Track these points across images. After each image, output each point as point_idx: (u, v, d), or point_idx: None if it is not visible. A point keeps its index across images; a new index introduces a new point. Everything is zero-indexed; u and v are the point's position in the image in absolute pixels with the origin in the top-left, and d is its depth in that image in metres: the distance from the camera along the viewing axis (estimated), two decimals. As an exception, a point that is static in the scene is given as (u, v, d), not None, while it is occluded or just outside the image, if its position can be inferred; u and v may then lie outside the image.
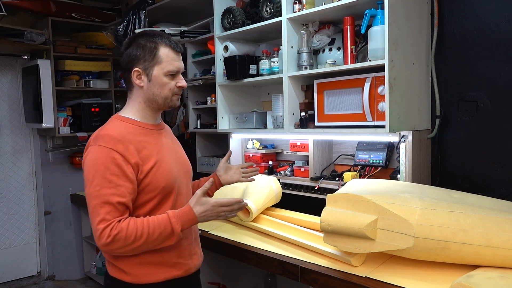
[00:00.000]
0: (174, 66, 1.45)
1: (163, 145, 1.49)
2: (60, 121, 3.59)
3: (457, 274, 1.46)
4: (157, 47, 1.43)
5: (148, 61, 1.43)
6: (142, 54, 1.42)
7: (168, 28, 3.08)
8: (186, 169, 1.58)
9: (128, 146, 1.37)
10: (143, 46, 1.43)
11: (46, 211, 3.86)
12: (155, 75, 1.44)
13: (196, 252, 1.56)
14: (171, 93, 1.46)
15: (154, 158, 1.42)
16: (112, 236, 1.29)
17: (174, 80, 1.46)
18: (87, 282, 3.93)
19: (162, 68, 1.43)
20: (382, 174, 2.25)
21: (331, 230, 1.63)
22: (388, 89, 1.91)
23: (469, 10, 2.03)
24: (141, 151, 1.40)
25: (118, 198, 1.32)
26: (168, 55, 1.44)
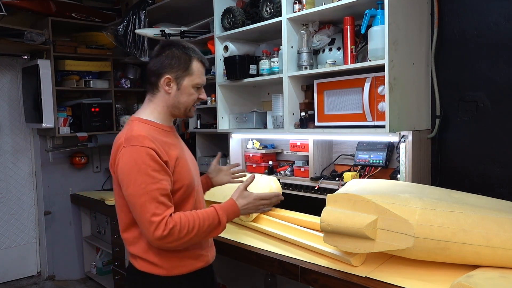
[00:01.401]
0: (201, 80, 1.59)
1: (181, 146, 1.61)
2: (60, 121, 3.59)
3: (457, 274, 1.46)
4: (191, 60, 1.55)
5: (181, 71, 1.53)
6: (176, 63, 1.53)
7: (168, 28, 3.08)
8: (197, 168, 1.70)
9: (157, 145, 1.45)
10: (179, 57, 1.53)
11: (46, 211, 3.86)
12: (185, 85, 1.55)
13: (212, 244, 1.68)
14: (192, 103, 1.59)
15: (177, 157, 1.51)
16: (168, 230, 1.35)
17: (198, 92, 1.60)
18: (87, 282, 3.93)
19: (192, 80, 1.55)
20: (382, 174, 2.25)
21: (331, 230, 1.63)
22: (388, 89, 1.91)
23: (469, 10, 2.03)
24: (168, 151, 1.49)
25: (163, 192, 1.40)
26: (199, 69, 1.57)
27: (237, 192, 1.53)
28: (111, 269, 3.57)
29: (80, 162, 3.97)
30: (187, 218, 1.41)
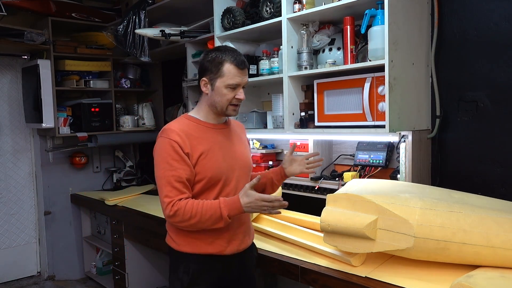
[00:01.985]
0: (234, 81, 1.66)
1: (216, 141, 1.71)
2: (60, 121, 3.58)
3: (457, 274, 1.46)
4: (223, 62, 1.65)
5: (214, 73, 1.66)
6: (210, 67, 1.67)
7: (168, 28, 3.08)
8: (241, 164, 1.76)
9: (184, 138, 1.64)
10: (212, 60, 1.67)
11: (46, 211, 3.86)
12: (217, 86, 1.67)
13: (237, 239, 1.73)
14: (228, 103, 1.68)
15: (202, 151, 1.65)
16: (173, 211, 1.58)
17: (234, 92, 1.67)
18: (87, 282, 3.93)
19: (223, 81, 1.66)
20: (382, 174, 2.25)
21: (331, 230, 1.63)
22: (388, 89, 1.91)
23: (469, 10, 2.03)
24: (195, 145, 1.65)
25: (178, 179, 1.60)
26: (230, 71, 1.65)
27: (243, 190, 1.59)
28: (111, 269, 3.57)
29: (80, 162, 3.97)
30: (192, 205, 1.58)
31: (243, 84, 1.69)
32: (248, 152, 1.86)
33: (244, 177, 1.77)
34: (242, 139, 1.86)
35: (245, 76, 1.69)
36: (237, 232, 1.73)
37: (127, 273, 3.20)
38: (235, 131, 1.84)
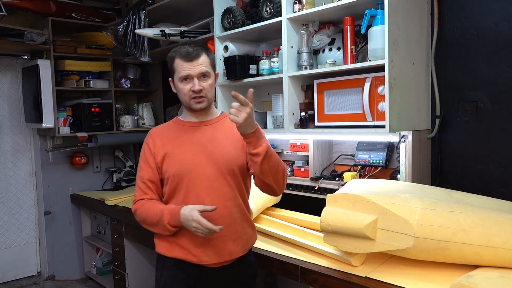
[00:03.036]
0: (184, 73, 1.62)
1: (189, 139, 1.68)
2: (60, 121, 3.58)
3: (457, 274, 1.46)
4: (173, 59, 1.66)
5: (171, 72, 1.68)
6: (169, 67, 1.69)
7: (168, 28, 3.08)
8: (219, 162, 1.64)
9: (155, 140, 1.69)
10: (168, 60, 1.69)
11: (46, 211, 3.86)
12: (176, 83, 1.68)
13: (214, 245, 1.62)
14: (187, 97, 1.65)
15: (169, 148, 1.66)
16: (134, 211, 1.68)
17: (189, 84, 1.63)
18: (87, 282, 3.93)
19: (177, 77, 1.65)
20: (382, 174, 2.25)
21: (331, 230, 1.63)
22: (388, 89, 1.91)
23: (469, 10, 2.03)
24: (163, 144, 1.68)
25: (142, 179, 1.68)
26: (179, 64, 1.63)
27: (192, 205, 1.54)
28: (111, 269, 3.57)
29: (80, 162, 3.97)
30: (144, 208, 1.63)
31: (195, 74, 1.62)
32: (234, 151, 1.68)
33: (221, 177, 1.63)
34: (232, 136, 1.69)
35: (196, 66, 1.61)
36: (213, 237, 1.59)
37: (127, 273, 3.20)
38: (223, 128, 1.72)
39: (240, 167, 1.67)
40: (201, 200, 1.60)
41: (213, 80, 1.69)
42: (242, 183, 1.70)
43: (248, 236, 1.72)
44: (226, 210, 1.63)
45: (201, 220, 1.49)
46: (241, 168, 1.68)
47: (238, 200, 1.67)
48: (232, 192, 1.65)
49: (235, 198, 1.66)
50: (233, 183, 1.66)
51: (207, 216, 1.53)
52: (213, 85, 1.70)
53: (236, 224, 1.66)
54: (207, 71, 1.64)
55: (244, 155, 1.68)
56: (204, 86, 1.63)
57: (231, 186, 1.65)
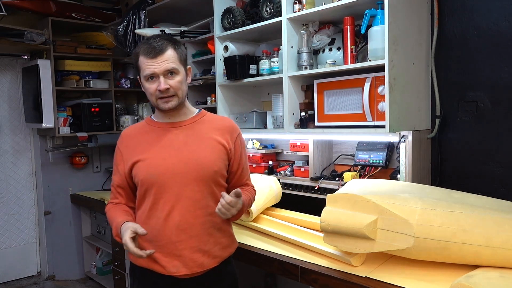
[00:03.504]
0: (148, 71, 1.50)
1: (161, 142, 1.57)
2: (60, 121, 3.58)
3: (457, 274, 1.46)
4: (137, 56, 1.54)
5: (137, 70, 1.57)
6: (134, 64, 1.58)
7: (168, 28, 3.08)
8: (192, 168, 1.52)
9: (126, 143, 1.63)
10: (133, 57, 1.59)
11: (46, 211, 3.86)
12: (142, 82, 1.57)
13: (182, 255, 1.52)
14: (154, 97, 1.54)
15: (139, 152, 1.57)
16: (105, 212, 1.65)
17: (155, 83, 1.52)
18: (87, 282, 3.93)
19: (142, 75, 1.54)
20: (382, 174, 2.25)
21: (331, 230, 1.63)
22: (388, 89, 1.91)
23: (469, 10, 2.03)
24: (134, 147, 1.60)
25: (114, 183, 1.64)
26: (143, 62, 1.52)
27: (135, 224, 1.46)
28: (111, 269, 3.57)
29: (80, 162, 3.97)
30: (109, 213, 1.61)
31: (160, 72, 1.49)
32: (210, 156, 1.56)
33: (193, 183, 1.53)
34: (208, 140, 1.59)
35: (161, 63, 1.48)
36: (180, 247, 1.51)
37: (127, 273, 3.20)
38: (199, 130, 1.60)
39: (215, 173, 1.56)
40: (170, 208, 1.51)
41: (183, 77, 1.55)
42: (216, 190, 1.57)
43: (222, 247, 1.60)
44: (196, 219, 1.52)
45: (127, 244, 1.39)
46: (216, 175, 1.56)
47: (211, 208, 1.53)
48: (204, 200, 1.53)
49: (207, 207, 1.54)
50: (206, 190, 1.54)
51: (175, 225, 1.49)
52: (183, 81, 1.56)
53: (207, 234, 1.55)
54: (174, 67, 1.51)
55: (221, 160, 1.58)
56: (171, 84, 1.50)
57: (203, 193, 1.54)
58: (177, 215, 1.51)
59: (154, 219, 1.53)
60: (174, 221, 1.51)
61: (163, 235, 1.52)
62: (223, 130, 1.63)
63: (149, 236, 1.49)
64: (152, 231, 1.51)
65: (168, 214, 1.51)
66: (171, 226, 1.51)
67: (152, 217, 1.53)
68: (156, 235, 1.52)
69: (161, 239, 1.52)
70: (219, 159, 1.58)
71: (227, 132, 1.63)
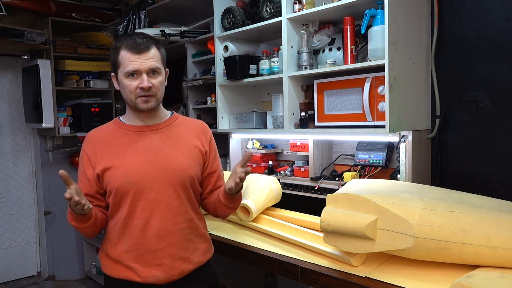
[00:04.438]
0: (130, 67, 1.44)
1: (133, 147, 1.50)
2: (60, 121, 3.59)
3: (457, 274, 1.46)
4: (118, 50, 1.47)
5: (116, 65, 1.49)
6: (112, 58, 1.50)
7: (168, 28, 3.08)
8: (169, 173, 1.48)
9: (95, 147, 1.51)
10: (112, 51, 1.50)
11: (46, 211, 3.86)
12: (120, 78, 1.49)
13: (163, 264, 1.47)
14: (133, 96, 1.46)
15: (110, 158, 1.48)
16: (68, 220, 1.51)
17: (137, 80, 1.45)
18: (87, 282, 3.93)
19: (122, 71, 1.46)
20: (382, 174, 2.25)
21: (331, 230, 1.63)
22: (388, 89, 1.91)
23: (469, 10, 2.03)
24: (104, 152, 1.49)
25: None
26: (125, 57, 1.45)
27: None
28: (111, 269, 3.57)
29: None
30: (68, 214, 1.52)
31: (144, 69, 1.43)
32: (186, 161, 1.53)
33: (171, 189, 1.48)
34: (184, 144, 1.55)
35: (146, 60, 1.43)
36: (160, 256, 1.47)
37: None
38: (174, 134, 1.56)
39: (191, 178, 1.52)
40: (147, 215, 1.46)
41: (163, 78, 1.51)
42: (193, 196, 1.55)
43: (201, 252, 1.58)
44: (176, 226, 1.48)
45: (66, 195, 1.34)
46: (193, 180, 1.53)
47: (190, 214, 1.52)
48: (182, 206, 1.50)
49: (185, 213, 1.51)
50: (184, 196, 1.51)
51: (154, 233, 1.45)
52: (163, 83, 1.52)
53: (186, 240, 1.52)
54: (158, 67, 1.47)
55: (197, 165, 1.55)
56: (153, 83, 1.45)
57: (181, 199, 1.50)
58: (156, 223, 1.46)
59: (131, 228, 1.46)
60: (153, 229, 1.45)
61: (141, 244, 1.46)
62: (198, 133, 1.61)
63: (126, 246, 1.46)
64: (129, 240, 1.46)
65: (146, 222, 1.46)
66: (150, 235, 1.46)
67: (129, 226, 1.47)
68: (133, 244, 1.46)
69: (139, 248, 1.46)
70: (196, 164, 1.55)
71: (201, 134, 1.62)
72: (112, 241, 1.50)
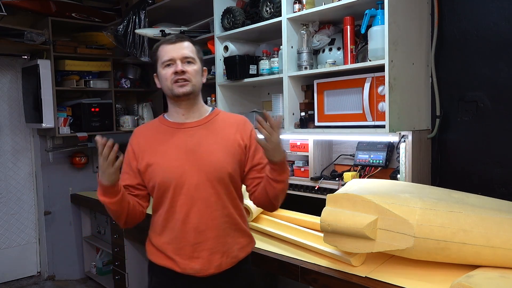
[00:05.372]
0: (167, 56, 1.53)
1: (176, 144, 1.56)
2: (60, 121, 3.58)
3: (457, 274, 1.46)
4: (157, 48, 1.58)
5: (155, 63, 1.58)
6: (153, 59, 1.60)
7: (168, 28, 3.08)
8: (206, 169, 1.52)
9: (140, 142, 1.60)
10: (153, 51, 1.60)
11: (46, 211, 3.86)
12: (159, 73, 1.57)
13: (200, 257, 1.52)
14: (170, 82, 1.53)
15: (153, 154, 1.56)
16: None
17: (171, 68, 1.53)
18: (87, 282, 3.93)
19: (159, 64, 1.56)
20: (382, 174, 2.25)
21: (331, 230, 1.63)
22: (388, 89, 1.91)
23: (469, 10, 2.03)
24: (148, 148, 1.58)
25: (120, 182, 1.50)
26: (163, 50, 1.55)
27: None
28: (111, 269, 3.57)
29: (80, 162, 3.97)
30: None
31: (178, 57, 1.51)
32: (224, 157, 1.55)
33: (209, 186, 1.52)
34: (222, 140, 1.58)
35: (180, 49, 1.52)
36: (198, 249, 1.52)
37: (127, 273, 3.20)
38: (213, 129, 1.60)
39: (230, 174, 1.55)
40: (187, 210, 1.51)
41: (199, 68, 1.57)
42: (233, 191, 1.58)
43: (240, 246, 1.60)
44: (214, 221, 1.52)
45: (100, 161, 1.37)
46: (232, 175, 1.55)
47: (228, 209, 1.55)
48: (220, 202, 1.53)
49: (224, 208, 1.54)
50: (222, 191, 1.54)
51: (194, 227, 1.50)
52: (199, 73, 1.57)
53: (225, 235, 1.55)
54: (192, 56, 1.54)
55: (235, 161, 1.56)
56: (187, 69, 1.52)
57: (219, 195, 1.53)
58: (194, 218, 1.51)
59: (172, 222, 1.54)
60: (191, 224, 1.51)
61: (181, 237, 1.53)
62: (237, 127, 1.63)
63: (168, 238, 1.54)
64: (170, 233, 1.55)
65: (185, 217, 1.52)
66: (189, 229, 1.52)
67: (170, 220, 1.54)
68: (174, 237, 1.54)
69: (179, 241, 1.53)
70: (234, 160, 1.57)
71: (241, 128, 1.63)
72: (156, 232, 1.59)
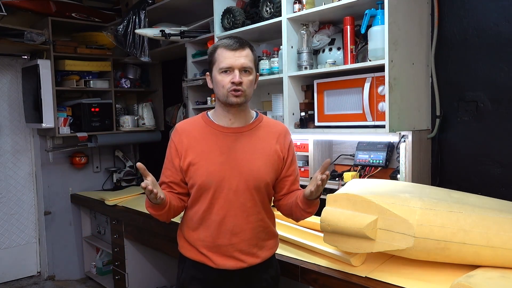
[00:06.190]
0: (225, 63, 1.52)
1: (217, 147, 1.59)
2: (60, 121, 3.58)
3: (457, 274, 1.46)
4: (216, 49, 1.57)
5: (211, 64, 1.59)
6: (208, 59, 1.61)
7: (168, 28, 3.08)
8: (245, 177, 1.57)
9: (182, 139, 1.62)
10: (210, 51, 1.61)
11: (46, 211, 3.86)
12: (214, 75, 1.58)
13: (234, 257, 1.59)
14: (226, 90, 1.53)
15: (195, 155, 1.59)
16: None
17: (229, 76, 1.53)
18: (87, 282, 3.93)
19: (217, 67, 1.56)
20: (382, 174, 2.25)
21: (331, 230, 1.63)
22: (388, 89, 1.91)
23: (469, 10, 2.03)
24: (190, 147, 1.60)
25: (163, 178, 1.65)
26: (221, 54, 1.54)
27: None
28: (111, 269, 3.57)
29: (80, 162, 3.97)
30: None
31: (237, 66, 1.51)
32: (263, 167, 1.60)
33: (247, 191, 1.58)
34: (262, 150, 1.62)
35: (240, 58, 1.52)
36: (231, 250, 1.59)
37: (127, 273, 3.20)
38: (256, 138, 1.63)
39: (267, 184, 1.62)
40: (224, 213, 1.58)
41: (254, 78, 1.58)
42: (267, 198, 1.66)
43: (269, 248, 1.68)
44: (248, 224, 1.59)
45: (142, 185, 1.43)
46: (268, 185, 1.63)
47: (261, 214, 1.63)
48: (255, 207, 1.60)
49: (258, 213, 1.61)
50: (258, 198, 1.61)
51: (229, 229, 1.57)
52: (253, 83, 1.59)
53: (257, 238, 1.63)
54: (250, 66, 1.55)
55: (273, 171, 1.62)
56: (244, 80, 1.53)
57: (255, 201, 1.60)
58: (231, 221, 1.58)
59: (208, 221, 1.59)
60: (227, 226, 1.57)
61: (216, 237, 1.59)
62: (278, 137, 1.67)
63: (202, 235, 1.60)
64: (205, 231, 1.60)
65: (222, 219, 1.58)
66: (224, 230, 1.58)
67: (206, 219, 1.60)
68: (209, 235, 1.60)
69: (214, 240, 1.59)
70: (272, 170, 1.63)
71: (282, 138, 1.68)
72: (190, 227, 1.64)
